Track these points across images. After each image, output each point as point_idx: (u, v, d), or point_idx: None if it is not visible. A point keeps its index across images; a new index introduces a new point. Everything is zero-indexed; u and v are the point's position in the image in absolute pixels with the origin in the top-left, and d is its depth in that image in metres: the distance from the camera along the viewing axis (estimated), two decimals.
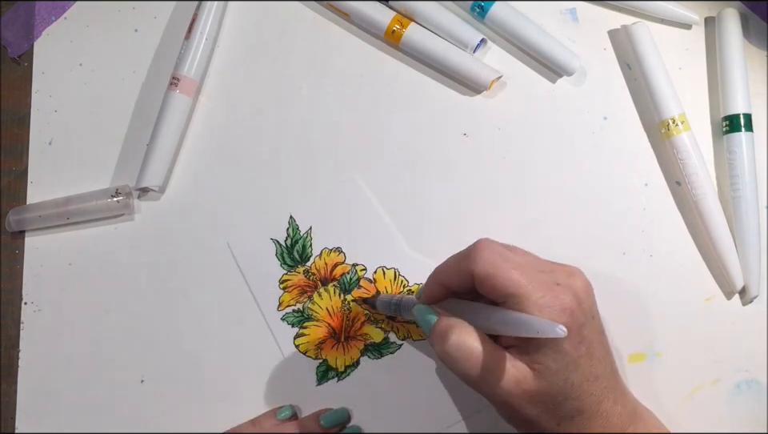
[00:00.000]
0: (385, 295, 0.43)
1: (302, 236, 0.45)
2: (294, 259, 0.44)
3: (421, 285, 0.39)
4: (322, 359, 0.44)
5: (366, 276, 0.44)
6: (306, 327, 0.44)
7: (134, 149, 0.46)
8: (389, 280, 0.44)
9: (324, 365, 0.44)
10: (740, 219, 0.44)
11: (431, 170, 0.46)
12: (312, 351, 0.44)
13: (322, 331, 0.44)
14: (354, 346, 0.44)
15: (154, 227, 0.45)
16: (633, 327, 0.44)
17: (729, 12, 0.45)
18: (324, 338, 0.44)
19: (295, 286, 0.44)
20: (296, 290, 0.44)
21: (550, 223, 0.45)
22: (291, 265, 0.44)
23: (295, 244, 0.44)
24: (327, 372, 0.43)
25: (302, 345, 0.44)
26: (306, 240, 0.44)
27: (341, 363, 0.44)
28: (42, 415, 0.44)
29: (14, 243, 0.45)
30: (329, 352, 0.44)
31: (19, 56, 0.47)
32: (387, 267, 0.44)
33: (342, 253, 0.45)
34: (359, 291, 0.44)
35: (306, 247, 0.44)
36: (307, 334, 0.44)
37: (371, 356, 0.44)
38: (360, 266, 0.44)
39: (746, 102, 0.44)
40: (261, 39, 0.47)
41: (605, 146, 0.46)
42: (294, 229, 0.45)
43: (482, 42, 0.45)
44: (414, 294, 0.43)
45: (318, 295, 0.44)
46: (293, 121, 0.46)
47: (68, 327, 0.45)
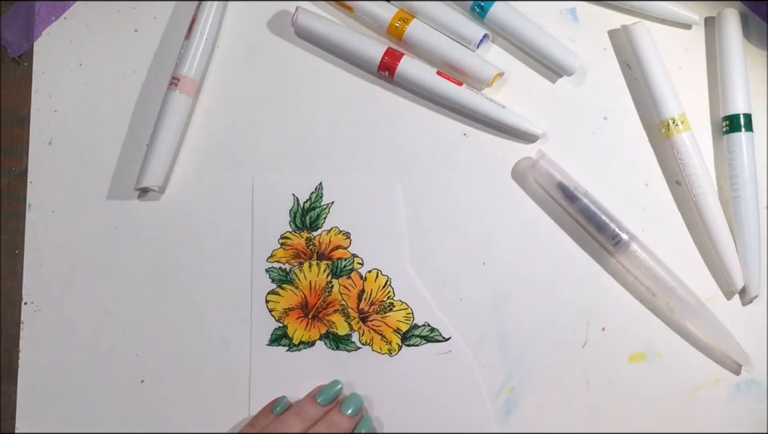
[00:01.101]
0: None
1: (320, 206, 0.45)
2: (304, 222, 0.45)
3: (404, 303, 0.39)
4: (283, 325, 0.44)
5: (359, 271, 0.44)
6: (284, 289, 0.44)
7: (134, 149, 0.46)
8: (378, 285, 0.45)
9: (282, 330, 0.44)
10: (740, 219, 0.44)
11: (431, 170, 0.46)
12: (277, 313, 0.44)
13: (295, 300, 0.44)
14: (317, 327, 0.44)
15: (154, 227, 0.45)
16: (633, 327, 0.44)
17: (729, 12, 0.45)
18: (294, 306, 0.44)
19: (293, 247, 0.45)
20: (292, 251, 0.45)
21: (550, 222, 0.45)
22: (299, 227, 0.45)
23: (311, 210, 0.45)
24: (281, 338, 0.44)
25: (272, 303, 0.44)
26: (324, 211, 0.45)
27: (298, 337, 0.44)
28: (42, 415, 0.44)
29: (14, 243, 0.45)
30: (292, 322, 0.44)
31: (19, 56, 0.47)
32: (383, 272, 0.45)
33: (349, 239, 0.45)
34: (347, 280, 0.44)
35: (320, 218, 0.45)
36: (281, 295, 0.44)
37: (328, 344, 0.44)
38: (359, 259, 0.45)
39: (746, 102, 0.44)
40: (261, 39, 0.47)
41: (605, 146, 0.46)
42: (318, 196, 0.45)
43: (484, 38, 0.45)
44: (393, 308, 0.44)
45: (308, 266, 0.44)
46: (293, 121, 0.46)
47: (68, 327, 0.45)
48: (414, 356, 0.44)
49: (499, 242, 0.45)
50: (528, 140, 0.46)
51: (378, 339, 0.44)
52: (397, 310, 0.44)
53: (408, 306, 0.44)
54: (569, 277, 0.44)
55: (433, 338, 0.44)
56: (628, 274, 0.44)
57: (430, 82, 0.45)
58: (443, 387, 0.43)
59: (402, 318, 0.44)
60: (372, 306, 0.44)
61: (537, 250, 0.45)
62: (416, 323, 0.44)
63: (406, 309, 0.44)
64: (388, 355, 0.44)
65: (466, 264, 0.45)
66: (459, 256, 0.45)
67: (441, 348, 0.44)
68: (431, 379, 0.44)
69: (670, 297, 0.43)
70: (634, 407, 0.43)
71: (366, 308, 0.44)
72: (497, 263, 0.45)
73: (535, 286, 0.44)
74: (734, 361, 0.44)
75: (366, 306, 0.44)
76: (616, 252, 0.44)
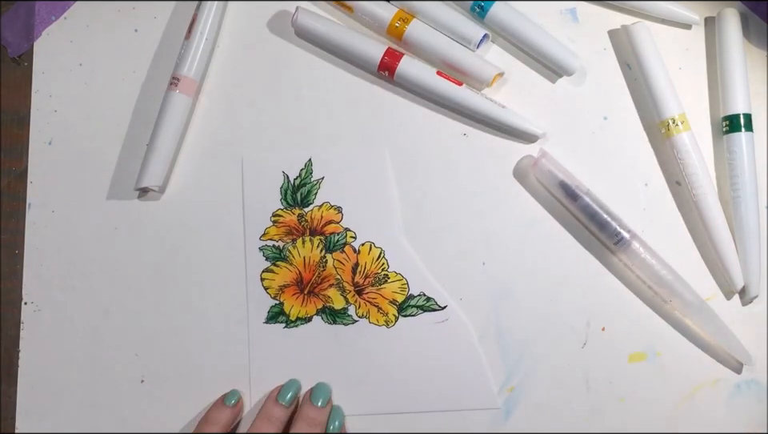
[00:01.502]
0: None
1: (311, 182, 0.45)
2: (296, 199, 0.45)
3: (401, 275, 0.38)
4: (279, 302, 0.44)
5: (353, 244, 0.45)
6: (278, 266, 0.45)
7: (134, 149, 0.46)
8: (372, 257, 0.45)
9: (278, 307, 0.44)
10: (740, 219, 0.44)
11: (431, 170, 0.46)
12: (273, 290, 0.44)
13: (290, 276, 0.44)
14: (313, 302, 0.44)
15: (154, 227, 0.45)
16: (633, 327, 0.44)
17: (729, 12, 0.45)
18: (289, 283, 0.44)
19: (285, 224, 0.45)
20: (284, 228, 0.45)
21: (550, 222, 0.45)
22: (290, 204, 0.45)
23: (302, 186, 0.45)
24: (278, 315, 0.44)
25: (267, 280, 0.44)
26: (314, 187, 0.45)
27: (294, 313, 0.44)
28: (42, 415, 0.44)
29: (14, 243, 0.45)
30: (288, 298, 0.44)
31: (19, 56, 0.47)
32: (376, 244, 0.45)
33: (341, 213, 0.45)
34: (341, 255, 0.45)
35: (311, 194, 0.45)
36: (276, 272, 0.44)
37: (325, 319, 0.44)
38: (351, 232, 0.45)
39: (746, 102, 0.44)
40: (261, 39, 0.47)
41: (605, 146, 0.46)
42: (308, 172, 0.45)
43: (484, 38, 0.45)
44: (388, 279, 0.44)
45: (301, 242, 0.45)
46: (293, 121, 0.46)
47: (68, 327, 0.45)
48: (412, 326, 0.44)
49: (499, 241, 0.45)
50: (528, 140, 0.46)
51: (374, 311, 0.44)
52: (392, 281, 0.44)
53: (403, 277, 0.44)
54: (569, 276, 0.44)
55: (429, 307, 0.44)
56: (629, 273, 0.44)
57: (430, 82, 0.45)
58: (442, 356, 0.44)
59: (397, 289, 0.44)
60: (367, 278, 0.44)
61: (537, 249, 0.45)
62: (411, 293, 0.44)
63: (401, 280, 0.44)
64: (385, 327, 0.44)
65: (466, 264, 0.45)
66: (459, 256, 0.45)
67: (437, 317, 0.44)
68: (429, 348, 0.44)
69: (671, 295, 0.43)
70: (634, 407, 0.43)
71: (361, 281, 0.44)
72: (497, 263, 0.45)
73: (535, 285, 0.45)
74: (734, 361, 0.44)
75: (360, 279, 0.44)
76: (617, 251, 0.44)
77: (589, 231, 0.45)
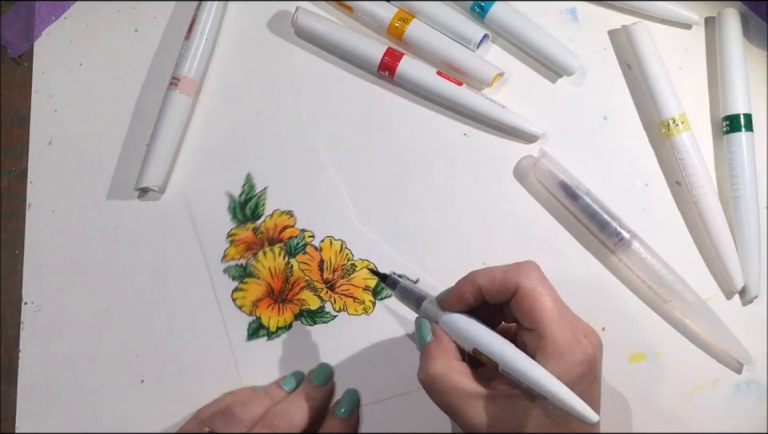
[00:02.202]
0: (407, 281, 0.41)
1: (256, 194, 0.45)
2: (246, 215, 0.45)
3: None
4: (256, 317, 0.44)
5: (313, 243, 0.45)
6: (246, 283, 0.45)
7: (133, 149, 0.46)
8: (334, 251, 0.45)
9: (256, 323, 0.44)
10: (740, 219, 0.44)
11: (431, 170, 0.46)
12: (247, 307, 0.44)
13: (260, 290, 0.44)
14: (289, 309, 0.44)
15: (154, 227, 0.45)
16: (633, 327, 0.44)
17: (729, 12, 0.45)
18: (261, 296, 0.44)
19: (242, 241, 0.45)
20: (242, 245, 0.45)
21: (550, 222, 0.45)
22: (242, 221, 0.45)
23: (249, 201, 0.45)
24: (258, 330, 0.44)
25: (239, 299, 0.44)
26: (260, 199, 0.45)
27: (273, 324, 0.44)
28: (42, 415, 0.44)
29: (14, 243, 0.45)
30: (263, 311, 0.44)
31: (19, 56, 0.47)
32: (335, 237, 0.45)
33: (293, 217, 0.45)
34: (304, 256, 0.45)
35: (259, 206, 0.45)
36: (246, 289, 0.45)
37: (305, 322, 0.44)
38: (309, 232, 0.45)
39: (746, 102, 0.44)
40: (261, 39, 0.47)
41: (605, 146, 0.46)
42: (250, 186, 0.45)
43: (484, 38, 0.45)
44: (356, 268, 0.44)
45: (262, 254, 0.45)
46: (293, 120, 0.46)
47: (68, 327, 0.45)
48: (390, 308, 0.44)
49: (499, 241, 0.45)
50: (528, 140, 0.46)
51: (350, 302, 0.44)
52: (360, 269, 0.45)
53: (369, 261, 0.45)
54: (569, 276, 0.44)
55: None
56: (629, 273, 0.44)
57: (430, 82, 0.45)
58: None
59: (367, 275, 0.44)
60: (335, 272, 0.45)
61: (537, 249, 0.45)
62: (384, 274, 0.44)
63: (368, 265, 0.45)
64: (365, 315, 0.44)
65: (466, 264, 0.45)
66: (459, 256, 0.45)
67: None
68: (412, 325, 0.43)
69: (671, 295, 0.43)
70: (634, 407, 0.43)
71: (330, 277, 0.45)
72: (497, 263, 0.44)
73: None
74: (734, 361, 0.44)
75: (329, 274, 0.45)
76: (617, 251, 0.44)
77: (589, 231, 0.45)
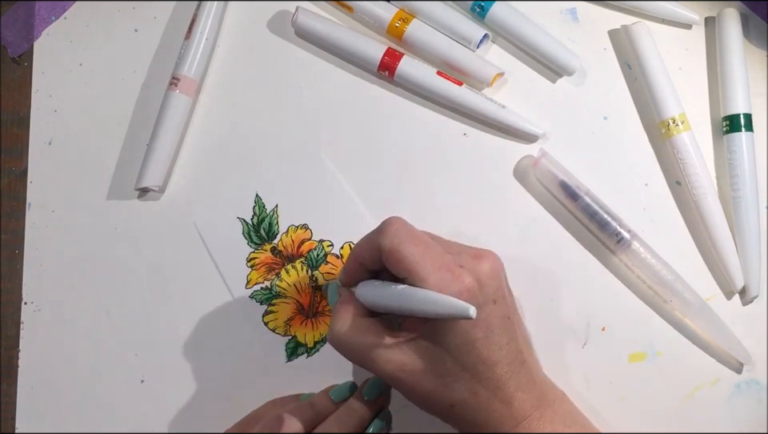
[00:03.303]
0: (325, 282, 0.44)
1: (268, 214, 0.45)
2: (261, 237, 0.45)
3: None
4: (292, 336, 0.44)
5: (333, 252, 0.45)
6: (275, 304, 0.44)
7: (134, 149, 0.46)
8: None
9: (293, 342, 0.44)
10: (740, 219, 0.44)
11: (431, 170, 0.46)
12: (281, 328, 0.44)
13: (290, 308, 0.44)
14: (322, 321, 0.44)
15: (154, 227, 0.45)
16: (633, 327, 0.44)
17: (729, 12, 0.45)
18: (293, 315, 0.44)
19: (263, 264, 0.44)
20: (263, 268, 0.45)
21: (550, 222, 0.45)
22: (258, 243, 0.45)
23: (262, 222, 0.45)
24: (297, 348, 0.44)
25: (271, 322, 0.44)
26: (273, 218, 0.45)
27: (310, 339, 0.44)
28: (42, 415, 0.44)
29: (14, 243, 0.45)
30: (298, 329, 0.44)
31: (19, 56, 0.47)
32: (353, 242, 0.45)
33: (309, 230, 0.45)
34: (326, 266, 0.44)
35: (273, 225, 0.45)
36: (276, 311, 0.44)
37: None
38: (326, 242, 0.45)
39: (746, 102, 0.44)
40: (261, 39, 0.47)
41: (605, 146, 0.46)
42: (261, 207, 0.45)
43: (484, 38, 0.45)
44: None
45: (285, 273, 0.44)
46: (293, 120, 0.46)
47: (68, 327, 0.45)
48: None
49: (499, 241, 0.45)
50: (528, 140, 0.46)
51: None
52: None
53: None
54: (569, 276, 0.44)
55: None
56: (629, 273, 0.44)
57: (429, 82, 0.45)
58: None
59: None
60: None
61: (537, 249, 0.45)
62: None
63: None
64: None
65: None
66: None
67: None
68: None
69: (671, 295, 0.43)
70: (634, 407, 0.43)
71: None
72: None
73: (535, 285, 0.44)
74: (734, 361, 0.44)
75: None
76: (618, 251, 0.44)
77: (589, 230, 0.45)
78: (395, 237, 0.35)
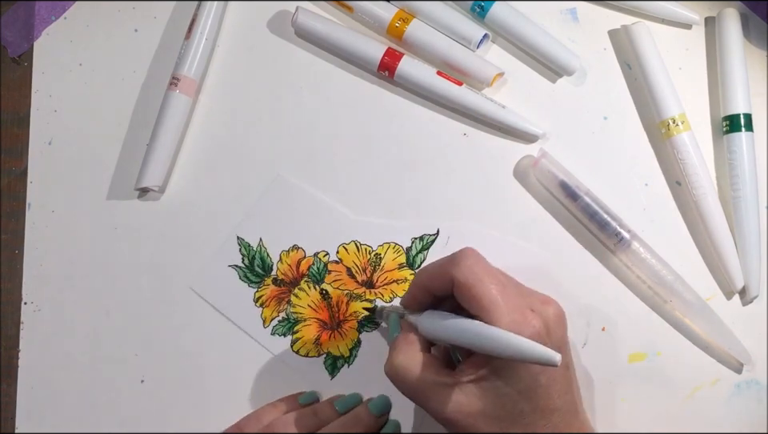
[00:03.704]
0: (381, 304, 0.44)
1: (256, 250, 0.45)
2: (258, 274, 0.45)
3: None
4: (326, 353, 0.44)
5: (331, 259, 0.45)
6: (298, 331, 0.44)
7: (134, 149, 0.46)
8: (353, 254, 0.45)
9: (330, 358, 0.44)
10: (740, 219, 0.44)
11: (431, 170, 0.46)
12: (313, 350, 0.44)
13: (314, 329, 0.44)
14: (349, 328, 0.44)
15: (154, 227, 0.45)
16: (633, 327, 0.44)
17: (729, 12, 0.45)
18: (318, 333, 0.44)
19: (270, 298, 0.44)
20: (273, 301, 0.44)
21: (550, 222, 0.45)
22: (258, 281, 0.45)
23: (253, 260, 0.45)
24: (336, 362, 0.44)
25: (302, 349, 0.44)
26: (262, 252, 0.45)
27: (344, 349, 0.44)
28: (42, 415, 0.44)
29: (14, 243, 0.45)
30: (329, 344, 0.44)
31: (19, 56, 0.47)
32: (346, 242, 0.45)
33: (301, 249, 0.45)
34: (331, 275, 0.44)
35: (265, 258, 0.45)
36: (301, 336, 0.44)
37: (368, 329, 0.44)
38: (322, 253, 0.45)
39: (746, 102, 0.44)
40: (261, 39, 0.47)
41: (605, 146, 0.46)
42: (246, 247, 0.45)
43: (484, 38, 0.45)
44: (380, 256, 0.45)
45: (295, 297, 0.44)
46: (293, 120, 0.46)
47: (68, 327, 0.45)
48: None
49: (499, 241, 0.45)
50: (528, 140, 0.46)
51: (395, 286, 0.44)
52: (385, 253, 0.45)
53: (392, 243, 0.45)
54: (569, 276, 0.44)
55: (429, 242, 0.45)
56: (629, 273, 0.44)
57: (429, 82, 0.45)
58: None
59: (393, 255, 0.44)
60: (366, 270, 0.44)
61: (537, 249, 0.45)
62: (403, 247, 0.45)
63: (393, 246, 0.45)
64: None
65: None
66: None
67: (440, 243, 0.44)
68: None
69: (671, 295, 0.43)
70: (634, 407, 0.43)
71: (364, 277, 0.44)
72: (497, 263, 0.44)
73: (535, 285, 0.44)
74: (734, 360, 0.44)
75: (362, 276, 0.44)
76: (617, 251, 0.44)
77: (589, 230, 0.45)
78: (471, 273, 0.34)
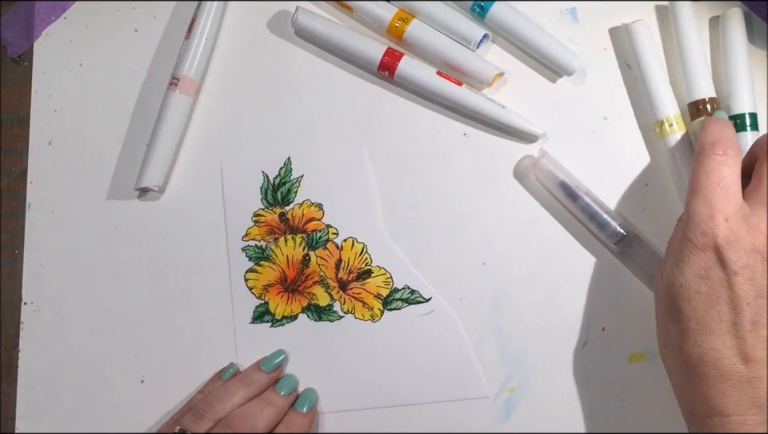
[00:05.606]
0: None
1: (290, 180, 0.45)
2: (276, 198, 0.45)
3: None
4: (264, 301, 0.44)
5: (335, 240, 0.45)
6: (261, 265, 0.45)
7: (133, 149, 0.46)
8: (355, 253, 0.45)
9: (263, 307, 0.44)
10: None
11: (431, 170, 0.46)
12: (257, 290, 0.44)
13: (274, 275, 0.44)
14: (297, 300, 0.44)
15: (153, 227, 0.45)
16: (633, 327, 0.44)
17: (733, 12, 0.45)
18: (273, 282, 0.44)
19: (266, 224, 0.45)
20: (266, 228, 0.45)
21: (550, 222, 0.45)
22: (270, 204, 0.45)
23: (282, 185, 0.45)
24: (264, 315, 0.44)
25: (251, 280, 0.44)
26: (294, 185, 0.45)
27: (280, 312, 0.44)
28: (42, 415, 0.44)
29: (14, 243, 0.45)
30: (272, 297, 0.44)
31: (19, 56, 0.47)
32: (358, 240, 0.45)
33: (322, 210, 0.45)
34: (324, 252, 0.45)
35: (291, 192, 0.45)
36: (260, 272, 0.44)
37: (310, 317, 0.44)
38: (333, 229, 0.45)
39: (751, 101, 0.44)
40: (261, 39, 0.47)
41: (605, 146, 0.46)
42: (287, 171, 0.45)
43: (484, 38, 0.45)
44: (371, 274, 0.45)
45: (283, 241, 0.45)
46: (293, 121, 0.46)
47: (68, 327, 0.45)
48: (397, 320, 0.44)
49: (499, 241, 0.45)
50: (528, 140, 0.46)
51: (359, 306, 0.44)
52: (375, 276, 0.44)
53: (386, 271, 0.44)
54: (569, 276, 0.44)
55: (414, 300, 0.44)
56: (629, 273, 0.44)
57: (429, 82, 0.45)
58: (428, 347, 0.44)
59: (381, 283, 0.44)
60: (351, 274, 0.45)
61: (537, 249, 0.45)
62: (396, 286, 0.44)
63: (384, 274, 0.44)
64: (371, 321, 0.44)
65: (465, 264, 0.45)
66: (459, 256, 0.45)
67: (422, 309, 0.44)
68: (415, 340, 0.44)
69: None
70: (634, 407, 0.43)
71: (345, 277, 0.45)
72: (497, 263, 0.45)
73: (535, 285, 0.44)
74: None
75: (344, 275, 0.45)
76: (618, 250, 0.44)
77: (589, 230, 0.45)
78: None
